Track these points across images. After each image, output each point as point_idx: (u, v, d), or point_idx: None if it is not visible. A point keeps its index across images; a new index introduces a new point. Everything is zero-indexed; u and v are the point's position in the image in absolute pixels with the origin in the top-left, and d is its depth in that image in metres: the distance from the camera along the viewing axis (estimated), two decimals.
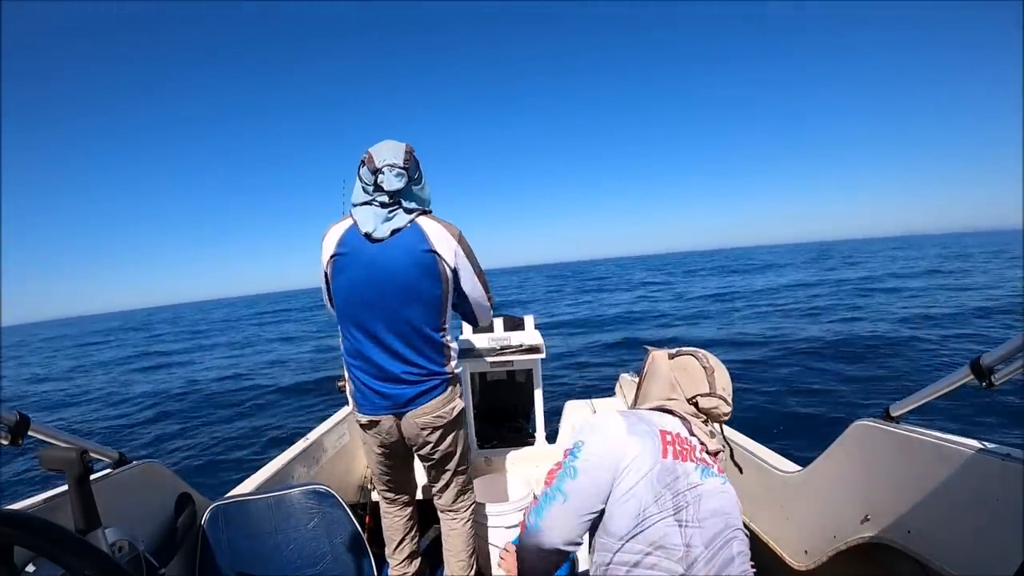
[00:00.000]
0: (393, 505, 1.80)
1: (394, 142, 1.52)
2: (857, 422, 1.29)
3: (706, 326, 11.65)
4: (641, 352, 1.24)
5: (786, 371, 7.22)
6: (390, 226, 1.48)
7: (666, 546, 0.89)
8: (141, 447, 5.76)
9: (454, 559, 1.78)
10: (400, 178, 1.47)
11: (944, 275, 19.30)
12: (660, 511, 0.90)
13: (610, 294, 23.61)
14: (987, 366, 0.93)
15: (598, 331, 11.56)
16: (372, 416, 1.57)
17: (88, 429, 6.70)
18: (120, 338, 20.51)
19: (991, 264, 23.56)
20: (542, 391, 2.62)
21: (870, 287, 16.79)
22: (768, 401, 5.91)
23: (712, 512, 0.93)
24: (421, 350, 1.54)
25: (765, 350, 8.67)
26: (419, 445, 1.62)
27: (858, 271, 25.03)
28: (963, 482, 0.99)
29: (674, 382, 1.10)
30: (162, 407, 7.47)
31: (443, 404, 1.58)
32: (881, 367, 7.15)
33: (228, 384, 8.54)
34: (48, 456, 1.00)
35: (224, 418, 6.62)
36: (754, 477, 1.70)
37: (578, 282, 34.90)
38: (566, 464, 0.96)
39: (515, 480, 2.30)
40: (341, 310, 1.56)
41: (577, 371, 7.58)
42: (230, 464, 4.96)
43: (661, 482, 0.91)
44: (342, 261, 1.51)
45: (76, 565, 0.49)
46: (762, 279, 25.03)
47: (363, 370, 1.55)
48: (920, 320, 10.10)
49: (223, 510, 1.46)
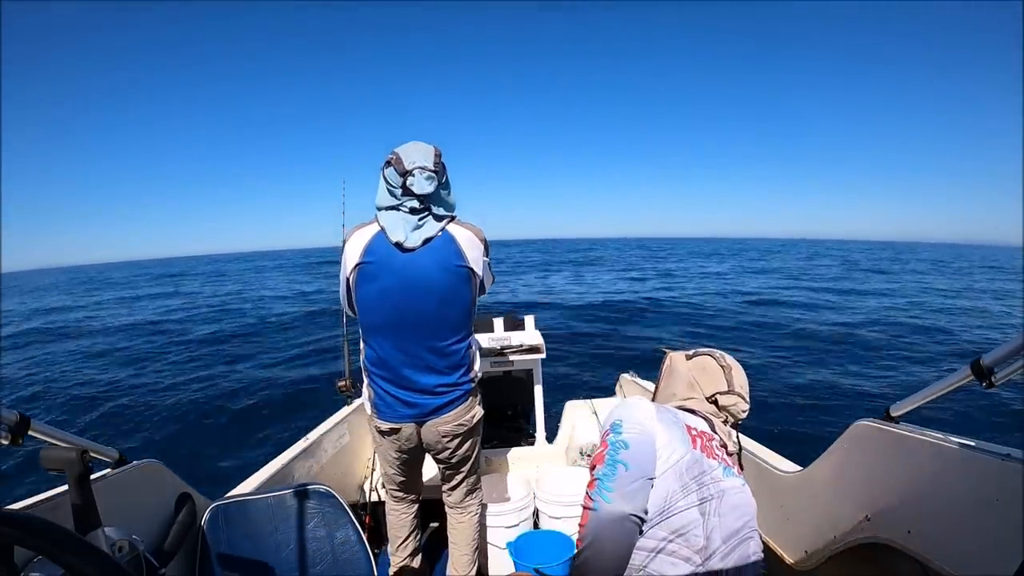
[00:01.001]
0: (401, 503, 1.81)
1: (423, 144, 1.47)
2: (857, 422, 1.30)
3: (717, 320, 11.66)
4: (657, 354, 1.25)
5: (786, 371, 7.23)
6: (421, 235, 1.44)
7: (688, 535, 0.90)
8: (141, 447, 5.76)
9: (458, 552, 1.79)
10: (431, 182, 1.42)
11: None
12: (686, 500, 0.91)
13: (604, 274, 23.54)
14: (987, 366, 0.93)
15: (597, 322, 11.56)
16: (394, 424, 1.56)
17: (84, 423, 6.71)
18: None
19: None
20: (542, 391, 2.63)
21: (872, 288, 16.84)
22: (768, 401, 5.91)
23: (732, 509, 0.94)
24: (451, 363, 1.53)
25: (765, 350, 8.68)
26: (438, 451, 1.62)
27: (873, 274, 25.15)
28: (963, 482, 0.99)
29: (693, 381, 1.12)
30: (162, 406, 7.48)
31: (465, 412, 1.58)
32: (881, 367, 7.16)
33: (229, 384, 8.54)
34: (48, 456, 1.00)
35: (224, 418, 6.62)
36: (754, 477, 1.70)
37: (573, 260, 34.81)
38: (612, 441, 0.96)
39: (515, 480, 2.30)
40: (367, 320, 1.52)
41: (577, 371, 7.58)
42: (230, 464, 4.96)
43: (689, 473, 0.93)
44: (370, 270, 1.46)
45: (76, 565, 0.49)
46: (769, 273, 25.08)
47: (388, 380, 1.53)
48: (921, 321, 10.11)
49: (223, 510, 1.46)
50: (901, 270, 28.34)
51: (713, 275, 24.37)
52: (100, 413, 7.30)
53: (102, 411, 7.36)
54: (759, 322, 11.12)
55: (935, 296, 15.24)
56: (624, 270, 27.13)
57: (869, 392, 6.11)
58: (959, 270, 30.34)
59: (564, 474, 2.28)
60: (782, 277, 23.24)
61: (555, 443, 2.63)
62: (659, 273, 25.36)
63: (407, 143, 1.47)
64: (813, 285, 18.67)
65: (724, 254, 48.19)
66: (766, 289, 17.71)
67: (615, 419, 0.99)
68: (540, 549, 1.86)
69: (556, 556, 1.78)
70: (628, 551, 0.92)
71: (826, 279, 22.08)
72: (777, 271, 27.16)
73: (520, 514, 2.01)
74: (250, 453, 5.13)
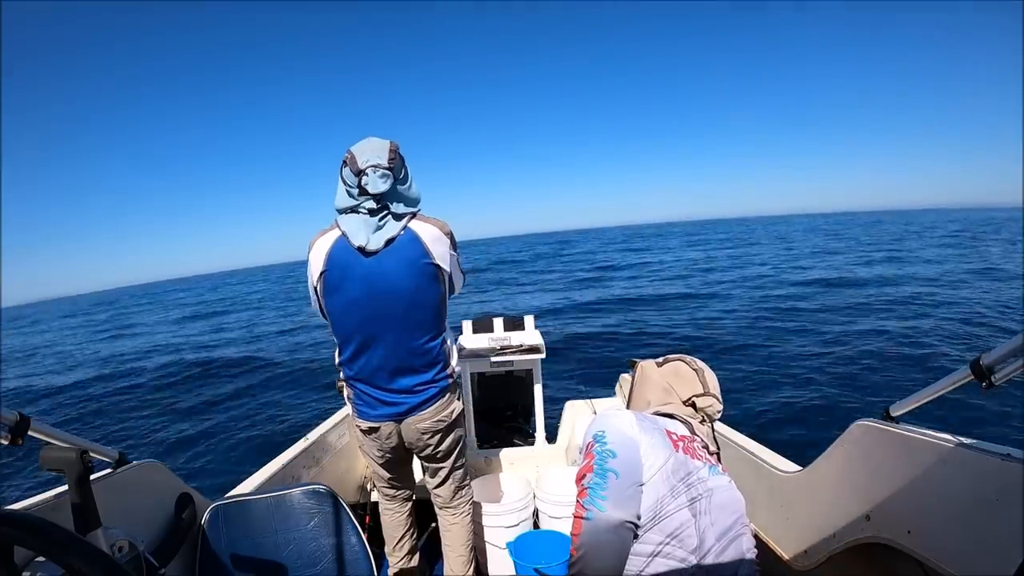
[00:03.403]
0: (393, 502, 1.81)
1: (377, 140, 1.43)
2: (857, 422, 1.29)
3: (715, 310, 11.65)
4: (624, 366, 1.25)
5: (786, 371, 7.23)
6: (382, 236, 1.41)
7: (682, 536, 0.91)
8: (141, 447, 5.76)
9: (453, 554, 1.78)
10: (385, 180, 1.39)
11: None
12: (676, 502, 0.92)
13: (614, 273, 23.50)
14: (987, 366, 0.93)
15: (601, 318, 11.55)
16: (373, 423, 1.57)
17: (87, 426, 6.72)
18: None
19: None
20: (542, 391, 2.63)
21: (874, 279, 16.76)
22: (768, 401, 5.91)
23: (722, 506, 0.95)
24: (426, 361, 1.53)
25: (765, 349, 8.68)
26: (420, 448, 1.62)
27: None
28: (963, 482, 0.99)
29: (668, 387, 1.14)
30: (161, 405, 7.48)
31: (443, 408, 1.59)
32: (881, 367, 7.15)
33: (228, 383, 8.54)
34: (48, 456, 1.00)
35: (224, 417, 6.63)
36: (754, 477, 1.70)
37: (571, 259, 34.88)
38: (598, 451, 0.96)
39: (515, 480, 2.30)
40: (338, 327, 1.51)
41: (577, 370, 7.58)
42: (230, 464, 4.96)
43: (676, 475, 0.94)
44: (334, 279, 1.44)
45: (76, 565, 0.49)
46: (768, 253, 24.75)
47: (364, 381, 1.54)
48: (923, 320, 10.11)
49: (223, 510, 1.46)
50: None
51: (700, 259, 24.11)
52: (100, 414, 7.30)
53: (102, 411, 7.36)
54: (759, 316, 11.11)
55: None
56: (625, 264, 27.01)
57: (869, 392, 6.11)
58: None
59: (564, 474, 2.28)
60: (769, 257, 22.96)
61: (555, 443, 2.63)
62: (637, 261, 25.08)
63: (362, 140, 1.43)
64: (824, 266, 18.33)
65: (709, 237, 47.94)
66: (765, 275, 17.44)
67: (596, 430, 0.99)
68: (540, 549, 1.86)
69: (556, 556, 1.78)
70: (624, 558, 0.92)
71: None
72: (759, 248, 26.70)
73: (520, 514, 2.01)
74: (250, 453, 5.13)
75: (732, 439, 1.85)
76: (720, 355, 8.37)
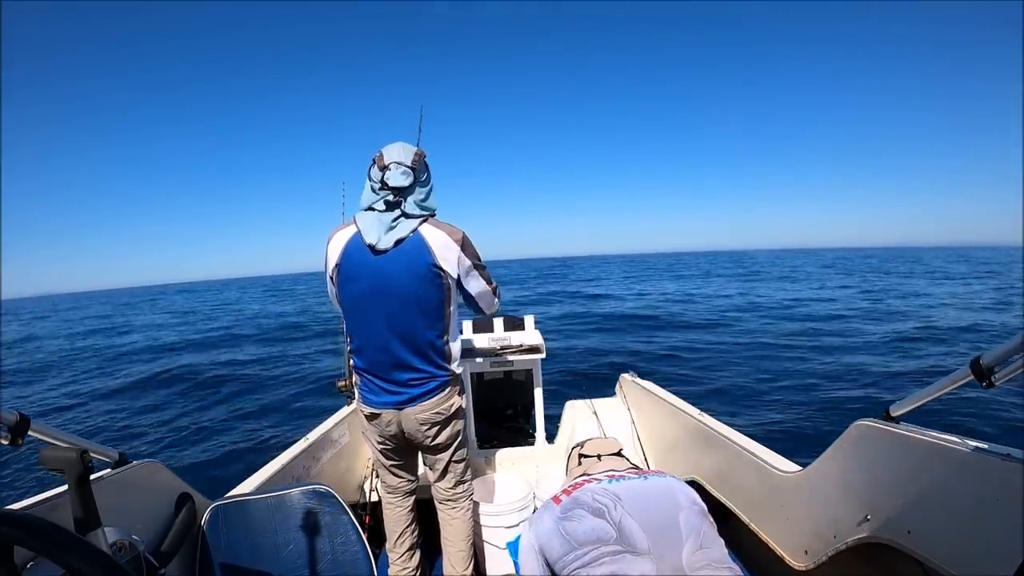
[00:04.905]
0: (395, 495, 1.83)
1: (406, 144, 1.56)
2: (857, 422, 1.30)
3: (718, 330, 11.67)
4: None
5: (786, 371, 7.23)
6: (393, 236, 1.49)
7: (599, 535, 0.98)
8: (141, 447, 5.76)
9: (453, 549, 1.79)
10: (406, 176, 1.49)
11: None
12: (574, 524, 1.02)
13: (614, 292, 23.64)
14: (987, 366, 0.93)
15: (602, 330, 11.58)
16: (375, 409, 1.63)
17: (90, 426, 6.72)
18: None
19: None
20: (542, 391, 2.63)
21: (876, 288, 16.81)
22: (768, 401, 5.92)
23: (642, 498, 1.04)
24: (425, 356, 1.58)
25: (764, 349, 8.69)
26: (419, 440, 1.66)
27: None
28: (963, 482, 0.99)
29: (600, 453, 1.37)
30: (161, 405, 7.48)
31: (443, 401, 1.63)
32: (880, 366, 7.16)
33: (228, 383, 8.54)
34: (48, 456, 1.00)
35: (224, 418, 6.63)
36: (754, 477, 1.70)
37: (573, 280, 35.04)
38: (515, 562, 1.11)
39: (515, 480, 2.31)
40: (348, 316, 1.62)
41: (577, 370, 7.58)
42: (230, 464, 4.96)
43: (565, 516, 1.04)
44: (347, 271, 1.55)
45: (76, 565, 0.49)
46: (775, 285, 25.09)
47: (368, 370, 1.63)
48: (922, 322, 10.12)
49: (223, 510, 1.47)
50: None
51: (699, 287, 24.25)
52: (100, 414, 7.30)
53: (102, 412, 7.36)
54: (751, 329, 11.13)
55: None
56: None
57: (869, 392, 6.11)
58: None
59: (564, 474, 2.28)
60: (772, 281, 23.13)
61: (555, 443, 2.63)
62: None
63: (392, 143, 1.55)
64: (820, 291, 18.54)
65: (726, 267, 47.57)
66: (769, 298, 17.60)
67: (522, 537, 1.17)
68: None
69: None
70: None
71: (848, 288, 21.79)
72: (762, 277, 26.97)
73: (520, 514, 2.01)
74: (250, 453, 5.13)
75: (732, 439, 1.85)
76: (722, 354, 8.38)
